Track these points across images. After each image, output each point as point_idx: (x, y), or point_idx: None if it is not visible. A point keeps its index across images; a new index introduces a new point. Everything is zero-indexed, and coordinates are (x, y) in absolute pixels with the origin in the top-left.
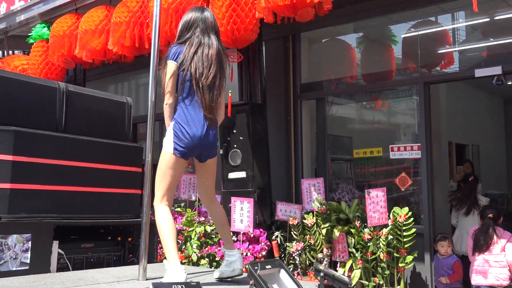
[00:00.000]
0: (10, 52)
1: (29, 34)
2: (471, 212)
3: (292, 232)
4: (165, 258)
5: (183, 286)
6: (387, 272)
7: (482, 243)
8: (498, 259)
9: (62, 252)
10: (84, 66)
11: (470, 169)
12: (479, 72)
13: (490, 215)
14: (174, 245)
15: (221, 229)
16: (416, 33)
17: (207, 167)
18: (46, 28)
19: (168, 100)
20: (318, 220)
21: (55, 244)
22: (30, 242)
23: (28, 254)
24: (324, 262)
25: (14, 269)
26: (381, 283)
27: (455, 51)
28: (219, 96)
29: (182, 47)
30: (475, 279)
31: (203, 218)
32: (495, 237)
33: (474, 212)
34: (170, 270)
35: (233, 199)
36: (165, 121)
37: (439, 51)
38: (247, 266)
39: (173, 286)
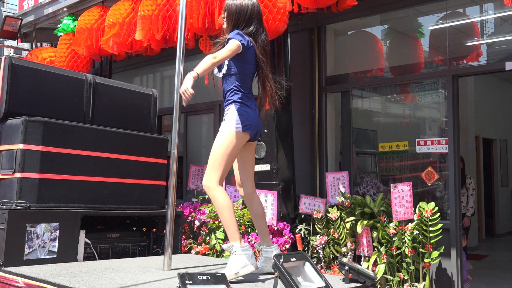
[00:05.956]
0: (38, 44)
1: (57, 26)
2: None
3: (316, 226)
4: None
5: (209, 276)
6: (412, 267)
7: None
8: None
9: (89, 242)
10: (109, 58)
11: (462, 165)
12: (510, 65)
13: None
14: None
15: (258, 222)
16: (445, 25)
17: (252, 148)
18: (72, 21)
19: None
20: (343, 214)
21: (82, 233)
22: (58, 231)
23: (56, 243)
24: (348, 256)
25: (42, 257)
26: (405, 278)
27: (485, 43)
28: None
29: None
30: None
31: None
32: None
33: None
34: (238, 253)
35: (257, 191)
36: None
37: (468, 44)
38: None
39: (198, 276)
